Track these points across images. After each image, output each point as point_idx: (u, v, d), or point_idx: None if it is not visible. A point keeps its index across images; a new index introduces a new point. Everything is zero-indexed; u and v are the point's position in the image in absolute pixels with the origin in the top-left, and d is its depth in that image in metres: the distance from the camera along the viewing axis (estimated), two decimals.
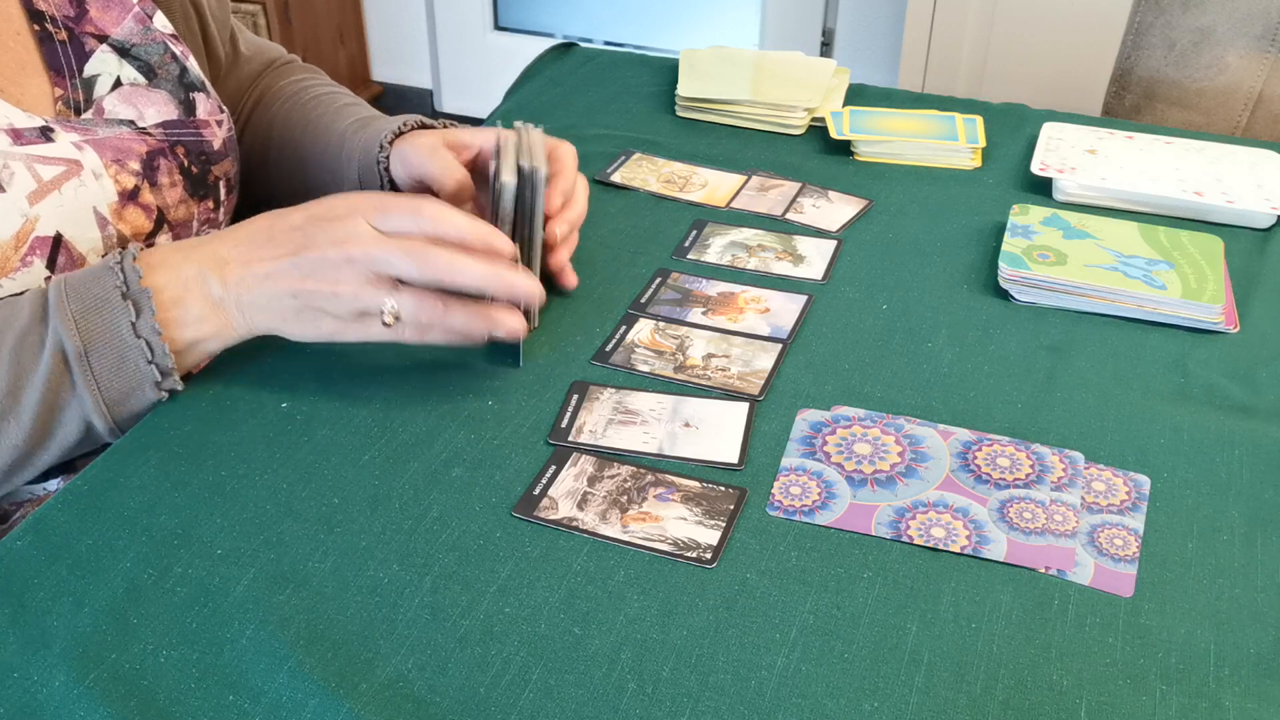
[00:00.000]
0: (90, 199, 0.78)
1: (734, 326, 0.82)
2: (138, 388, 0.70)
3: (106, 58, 0.83)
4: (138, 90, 0.84)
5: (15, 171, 0.74)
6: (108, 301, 0.68)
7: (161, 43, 0.86)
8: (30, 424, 0.68)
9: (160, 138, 0.84)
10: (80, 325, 0.68)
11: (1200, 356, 0.80)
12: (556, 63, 1.28)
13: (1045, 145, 1.04)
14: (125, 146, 0.81)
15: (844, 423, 0.73)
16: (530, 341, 0.79)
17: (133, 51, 0.84)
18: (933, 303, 0.85)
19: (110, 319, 0.68)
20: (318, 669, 0.56)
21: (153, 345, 0.69)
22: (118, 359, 0.69)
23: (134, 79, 0.84)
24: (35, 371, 0.67)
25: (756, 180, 1.03)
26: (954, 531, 0.64)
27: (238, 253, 0.71)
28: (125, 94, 0.83)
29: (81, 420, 0.69)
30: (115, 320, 0.68)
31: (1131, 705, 0.55)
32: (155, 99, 0.85)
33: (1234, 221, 0.96)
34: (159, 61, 0.86)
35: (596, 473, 0.68)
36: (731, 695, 0.55)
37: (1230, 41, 1.31)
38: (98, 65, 0.83)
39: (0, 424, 0.68)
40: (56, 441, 0.69)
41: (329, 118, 0.95)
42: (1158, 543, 0.64)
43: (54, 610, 0.59)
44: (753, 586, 0.61)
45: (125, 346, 0.68)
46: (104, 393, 0.69)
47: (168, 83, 0.86)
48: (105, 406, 0.69)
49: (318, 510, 0.65)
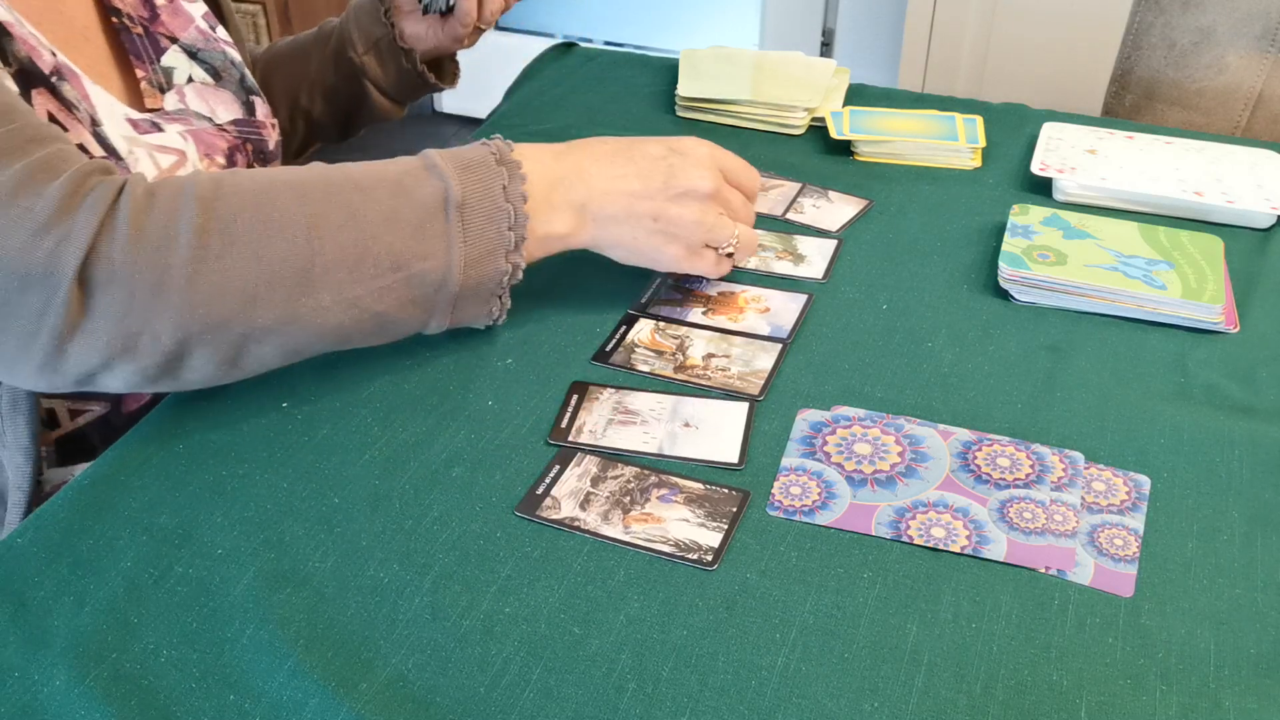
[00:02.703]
0: None
1: (734, 326, 0.82)
2: (492, 251, 0.71)
3: (178, 56, 0.87)
4: (208, 88, 0.89)
5: (140, 159, 0.77)
6: (485, 163, 0.71)
7: (222, 50, 0.91)
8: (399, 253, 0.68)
9: (234, 134, 0.88)
10: (462, 179, 0.70)
11: (1200, 356, 0.80)
12: (556, 63, 1.28)
13: (1045, 145, 1.04)
14: (211, 141, 0.85)
15: (844, 423, 0.73)
16: (531, 340, 0.79)
17: (200, 55, 0.89)
18: (933, 303, 0.85)
19: (486, 178, 0.71)
20: (318, 669, 0.56)
21: (516, 212, 0.71)
22: (487, 216, 0.71)
23: (204, 78, 0.89)
24: (416, 203, 0.69)
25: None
26: (954, 531, 0.64)
27: (601, 169, 0.76)
28: (198, 90, 0.88)
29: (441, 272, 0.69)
30: (490, 180, 0.71)
31: (1131, 705, 0.55)
32: (223, 98, 0.90)
33: (1234, 221, 0.96)
34: (222, 65, 0.90)
35: (600, 473, 0.68)
36: (731, 695, 0.55)
37: (1230, 41, 1.31)
38: (172, 60, 0.87)
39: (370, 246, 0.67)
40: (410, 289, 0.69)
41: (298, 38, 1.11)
42: (1158, 543, 0.64)
43: (54, 610, 0.59)
44: (753, 586, 0.61)
45: (495, 206, 0.71)
46: (468, 246, 0.70)
47: (231, 84, 0.90)
48: (464, 262, 0.70)
49: (318, 510, 0.65)
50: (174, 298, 0.63)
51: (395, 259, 0.68)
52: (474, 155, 0.72)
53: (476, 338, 0.79)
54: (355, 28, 1.05)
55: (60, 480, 0.78)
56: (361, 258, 0.67)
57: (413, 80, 1.07)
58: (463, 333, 0.79)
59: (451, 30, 1.03)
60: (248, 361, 0.67)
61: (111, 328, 0.62)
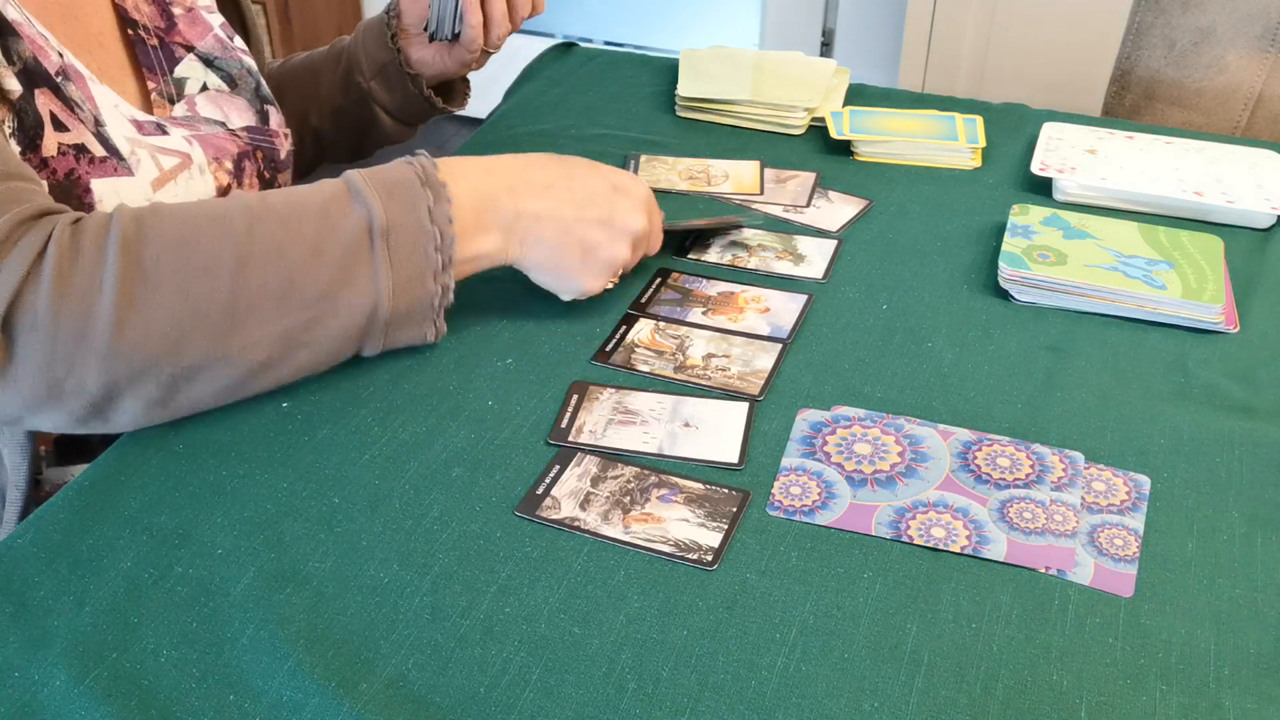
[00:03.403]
0: (198, 191, 0.81)
1: (734, 326, 0.82)
2: (419, 275, 0.71)
3: (194, 65, 0.88)
4: (222, 95, 0.89)
5: (141, 159, 0.77)
6: (409, 185, 0.71)
7: (238, 59, 0.91)
8: (325, 284, 0.68)
9: (246, 140, 0.88)
10: (385, 205, 0.69)
11: (1200, 356, 0.80)
12: (556, 63, 1.28)
13: (1045, 145, 1.04)
14: (221, 145, 0.85)
15: (844, 423, 0.73)
16: (531, 340, 0.79)
17: (216, 63, 0.89)
18: (933, 302, 0.85)
19: (411, 201, 0.70)
20: (318, 669, 0.56)
21: (443, 234, 0.71)
22: (413, 242, 0.70)
23: (219, 86, 0.89)
24: (341, 232, 0.68)
25: (771, 172, 1.03)
26: (954, 531, 0.64)
27: (537, 191, 0.76)
28: (212, 97, 0.88)
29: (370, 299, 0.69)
30: (415, 204, 0.70)
31: (1131, 705, 0.55)
32: (237, 105, 0.90)
33: (1234, 221, 0.96)
34: (238, 73, 0.91)
35: (600, 473, 0.68)
36: (731, 695, 0.55)
37: (1230, 41, 1.31)
38: (186, 70, 0.87)
39: (299, 278, 0.67)
40: (337, 319, 0.69)
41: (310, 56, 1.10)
42: (1158, 543, 0.64)
43: (54, 609, 0.59)
44: (753, 586, 0.61)
45: (421, 230, 0.70)
46: (394, 273, 0.70)
47: (246, 92, 0.91)
48: (391, 289, 0.70)
49: (318, 510, 0.65)
50: (99, 345, 0.63)
51: (322, 291, 0.68)
52: (398, 177, 0.71)
53: (476, 338, 0.79)
54: (363, 52, 1.04)
55: (59, 480, 0.78)
56: (288, 292, 0.67)
57: (420, 105, 1.06)
58: (463, 332, 0.79)
59: (458, 55, 1.02)
60: (179, 402, 0.67)
61: (35, 375, 0.63)
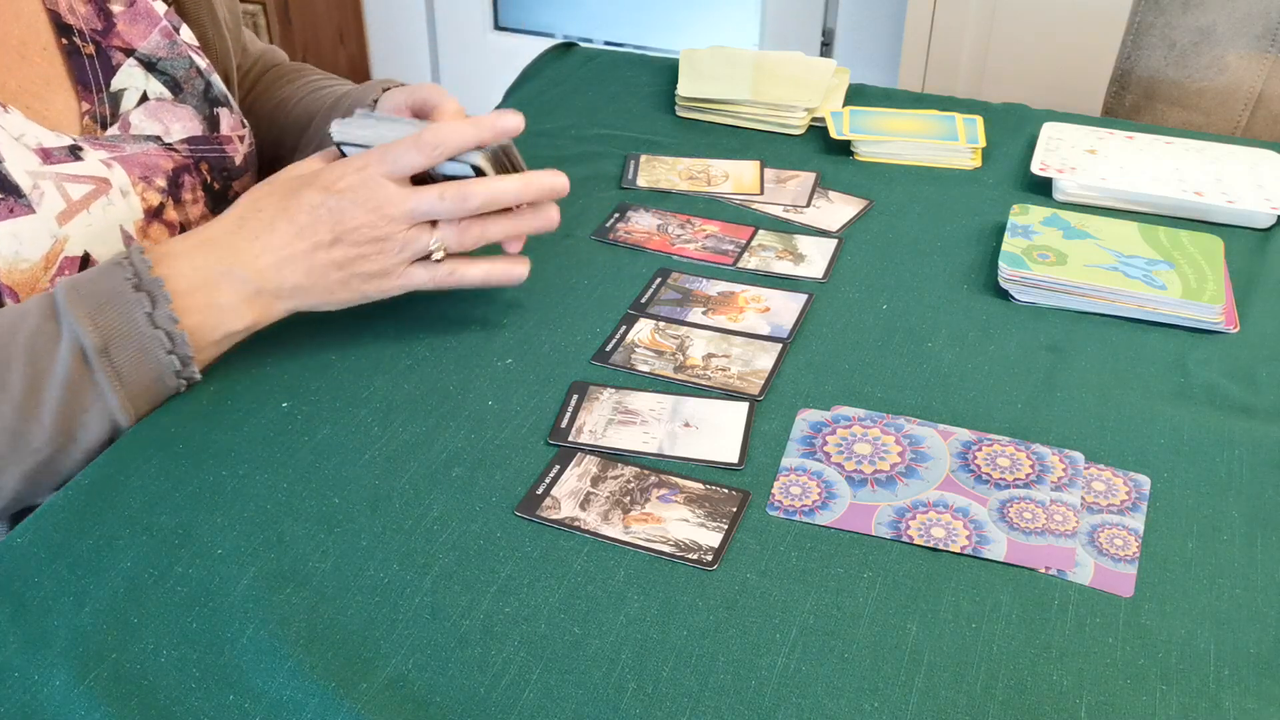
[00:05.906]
0: (117, 217, 0.78)
1: (734, 326, 0.82)
2: (158, 379, 0.70)
3: (134, 72, 0.83)
4: (164, 105, 0.85)
5: (45, 192, 0.74)
6: (120, 294, 0.68)
7: (187, 57, 0.87)
8: (52, 426, 0.67)
9: (185, 154, 0.84)
10: (96, 321, 0.67)
11: (1200, 356, 0.80)
12: (556, 63, 1.28)
13: (1045, 145, 1.04)
14: (152, 163, 0.81)
15: (844, 423, 0.73)
16: (531, 340, 0.79)
17: (159, 66, 0.85)
18: (933, 303, 0.85)
19: (125, 312, 0.68)
20: (318, 669, 0.56)
21: (172, 335, 0.69)
22: (138, 351, 0.68)
23: (160, 94, 0.85)
24: (53, 372, 0.66)
25: (771, 172, 1.03)
26: (954, 531, 0.64)
27: (263, 243, 0.72)
28: (151, 109, 0.84)
29: (106, 419, 0.68)
30: (131, 312, 0.68)
31: (1131, 705, 0.55)
32: (181, 114, 0.85)
33: (1234, 221, 0.96)
34: (185, 76, 0.86)
35: (600, 473, 0.68)
36: (731, 695, 0.55)
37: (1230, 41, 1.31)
38: (124, 79, 0.83)
39: (22, 429, 0.66)
40: (80, 444, 0.68)
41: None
42: (1158, 543, 0.64)
43: (54, 609, 0.59)
44: (753, 586, 0.61)
45: (144, 338, 0.68)
46: (126, 387, 0.68)
47: (193, 98, 0.86)
48: (128, 401, 0.68)
49: (318, 510, 0.65)
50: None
51: (56, 424, 0.67)
52: (108, 287, 0.68)
53: (476, 338, 0.79)
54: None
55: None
56: (19, 435, 0.66)
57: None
58: (463, 332, 0.79)
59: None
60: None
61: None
